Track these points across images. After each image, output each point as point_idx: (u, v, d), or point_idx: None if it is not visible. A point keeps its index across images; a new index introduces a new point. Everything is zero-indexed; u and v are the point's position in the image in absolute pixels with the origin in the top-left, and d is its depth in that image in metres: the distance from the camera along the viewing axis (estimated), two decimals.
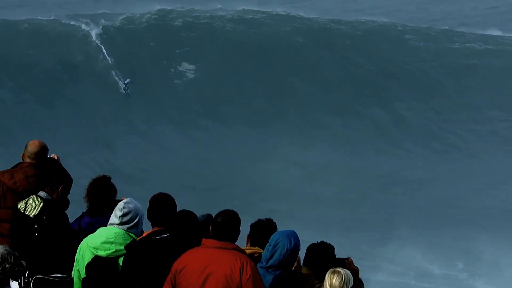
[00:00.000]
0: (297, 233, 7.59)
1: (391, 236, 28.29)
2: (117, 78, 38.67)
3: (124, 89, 36.78)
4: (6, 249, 6.49)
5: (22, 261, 6.53)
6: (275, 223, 7.86)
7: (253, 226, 7.88)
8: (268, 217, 7.89)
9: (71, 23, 44.90)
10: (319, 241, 7.66)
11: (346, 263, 7.64)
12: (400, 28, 47.38)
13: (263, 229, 7.79)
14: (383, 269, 23.96)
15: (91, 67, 41.67)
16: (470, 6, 62.54)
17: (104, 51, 43.07)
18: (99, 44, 43.78)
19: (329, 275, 7.07)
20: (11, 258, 6.44)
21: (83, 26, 46.42)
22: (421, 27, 48.42)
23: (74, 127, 35.52)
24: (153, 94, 40.16)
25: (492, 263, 25.70)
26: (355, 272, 7.51)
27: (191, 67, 42.26)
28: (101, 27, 45.11)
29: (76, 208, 8.31)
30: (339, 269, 7.09)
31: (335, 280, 7.05)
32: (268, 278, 7.45)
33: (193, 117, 38.22)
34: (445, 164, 36.08)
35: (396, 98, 40.28)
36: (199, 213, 8.03)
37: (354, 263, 7.67)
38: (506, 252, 25.94)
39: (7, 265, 6.42)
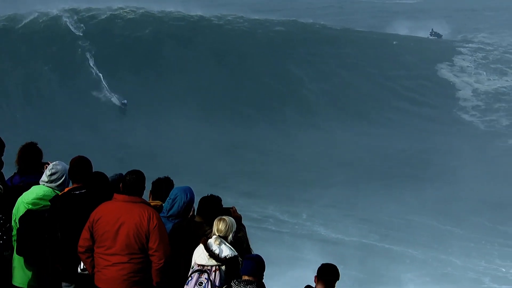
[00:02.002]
0: (191, 188, 8.89)
1: (262, 194, 31.39)
2: (114, 100, 39.45)
3: (121, 107, 38.61)
4: None
5: None
6: (172, 180, 9.12)
7: (154, 183, 9.12)
8: (167, 176, 9.15)
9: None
10: (208, 194, 8.82)
11: (231, 211, 8.85)
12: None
13: (163, 186, 9.07)
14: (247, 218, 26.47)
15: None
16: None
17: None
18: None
19: (217, 222, 8.40)
20: None
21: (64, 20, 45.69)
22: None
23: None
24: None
25: (326, 214, 29.01)
26: (238, 218, 8.76)
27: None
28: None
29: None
30: (224, 217, 8.45)
31: (221, 225, 8.36)
32: (169, 225, 8.70)
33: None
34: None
35: None
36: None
37: (237, 211, 8.91)
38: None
39: None
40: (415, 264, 26.22)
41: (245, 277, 8.01)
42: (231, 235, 8.43)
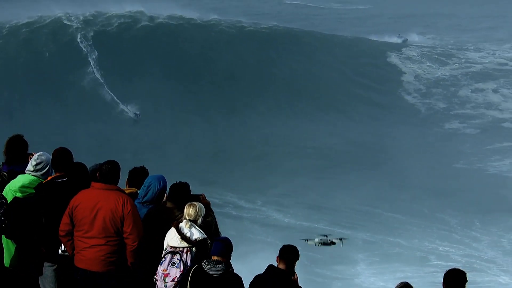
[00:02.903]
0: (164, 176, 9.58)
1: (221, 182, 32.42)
2: (127, 111, 39.51)
3: (135, 118, 38.70)
4: None
5: None
6: (147, 169, 9.79)
7: (130, 172, 9.78)
8: (142, 165, 9.85)
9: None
10: (178, 181, 9.44)
11: (200, 198, 9.45)
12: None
13: (139, 174, 9.76)
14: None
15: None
16: None
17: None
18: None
19: (187, 207, 9.03)
20: None
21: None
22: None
23: None
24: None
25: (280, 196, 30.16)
26: (207, 204, 9.39)
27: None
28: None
29: None
30: (194, 203, 9.07)
31: (191, 210, 8.97)
32: (144, 211, 9.38)
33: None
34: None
35: None
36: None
37: (206, 198, 9.54)
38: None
39: None
40: (366, 246, 27.38)
41: (215, 258, 8.60)
42: (200, 219, 9.00)
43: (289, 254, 8.84)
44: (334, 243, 26.97)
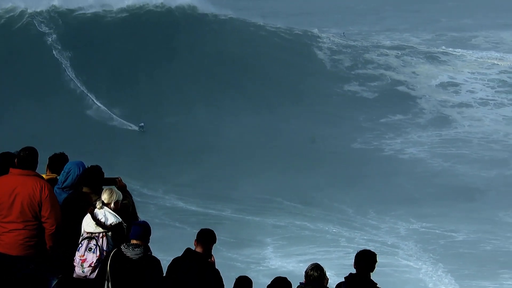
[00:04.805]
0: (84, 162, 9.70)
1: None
2: (130, 123, 38.15)
3: (140, 129, 37.83)
4: None
5: None
6: (66, 155, 9.91)
7: (50, 158, 9.89)
8: (62, 151, 9.96)
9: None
10: (89, 166, 9.61)
11: (116, 181, 9.64)
12: None
13: (58, 160, 9.87)
14: None
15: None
16: None
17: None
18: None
19: (104, 191, 9.26)
20: None
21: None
22: None
23: None
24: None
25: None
26: (123, 187, 9.62)
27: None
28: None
29: None
30: (109, 187, 9.31)
31: (106, 195, 9.20)
32: (64, 196, 9.54)
33: None
34: None
35: None
36: None
37: (122, 181, 9.69)
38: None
39: None
40: (276, 230, 28.05)
41: (134, 241, 8.80)
42: (113, 203, 9.22)
43: (206, 237, 9.11)
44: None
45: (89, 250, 9.02)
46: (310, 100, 44.27)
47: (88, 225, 9.12)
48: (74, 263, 9.07)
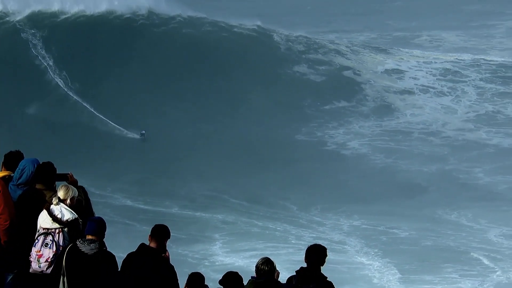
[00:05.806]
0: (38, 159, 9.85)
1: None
2: (130, 132, 37.23)
3: (141, 136, 37.41)
4: None
5: None
6: (22, 153, 10.03)
7: (6, 156, 9.99)
8: (18, 149, 10.07)
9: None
10: (40, 162, 9.76)
11: (68, 176, 9.84)
12: None
13: (14, 158, 9.97)
14: None
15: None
16: None
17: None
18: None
19: (60, 188, 9.43)
20: None
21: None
22: None
23: None
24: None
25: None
26: (75, 183, 9.79)
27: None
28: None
29: None
30: (65, 184, 9.50)
31: (62, 192, 9.36)
32: (19, 192, 9.68)
33: None
34: None
35: None
36: None
37: (73, 177, 9.89)
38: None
39: None
40: (225, 226, 28.36)
41: (89, 237, 8.97)
42: (69, 199, 9.37)
43: (160, 232, 9.28)
44: None
45: (46, 246, 9.14)
46: (261, 87, 44.02)
47: (44, 221, 9.24)
48: (31, 259, 9.20)
